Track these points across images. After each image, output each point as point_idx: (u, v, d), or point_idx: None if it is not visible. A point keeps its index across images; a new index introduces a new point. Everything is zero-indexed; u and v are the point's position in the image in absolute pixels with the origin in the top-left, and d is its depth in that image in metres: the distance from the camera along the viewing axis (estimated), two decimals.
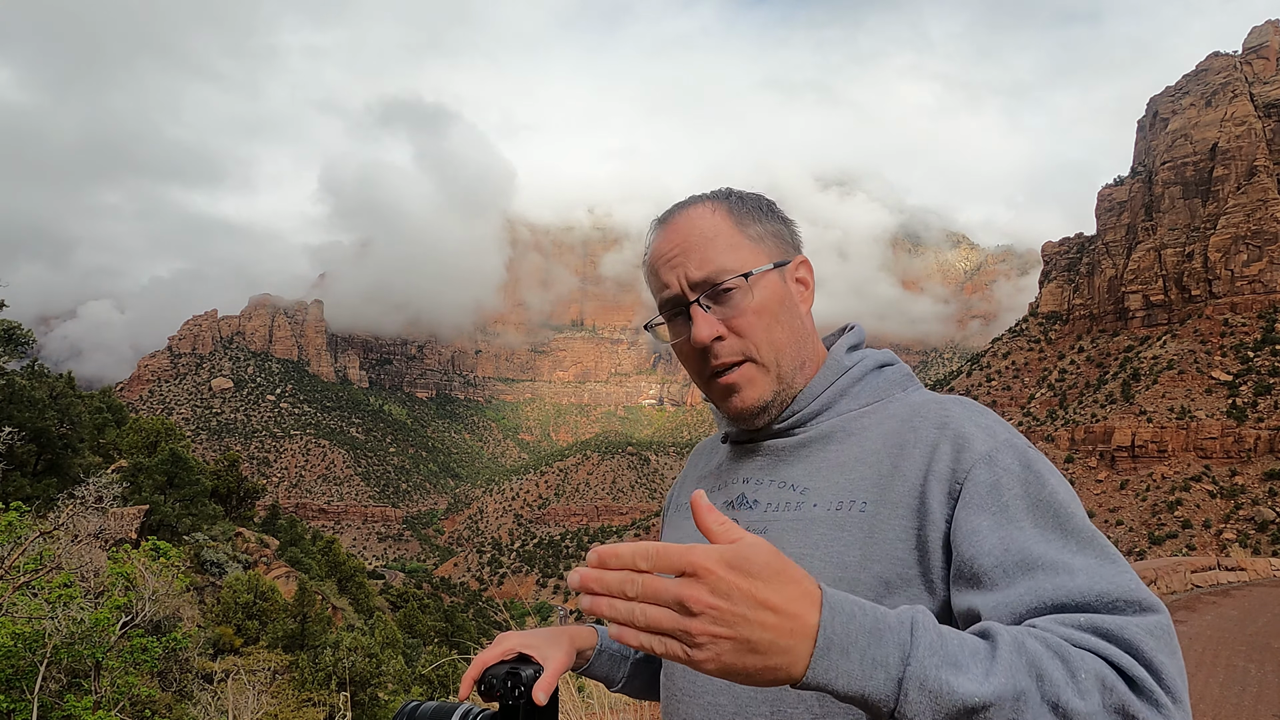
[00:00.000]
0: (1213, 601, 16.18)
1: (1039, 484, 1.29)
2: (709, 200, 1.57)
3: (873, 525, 1.34)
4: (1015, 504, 1.26)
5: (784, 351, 1.51)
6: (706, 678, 1.45)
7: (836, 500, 1.40)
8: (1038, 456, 1.34)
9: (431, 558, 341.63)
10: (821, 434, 1.50)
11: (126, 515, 26.55)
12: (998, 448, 1.33)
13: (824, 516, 1.40)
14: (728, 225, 1.53)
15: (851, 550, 1.34)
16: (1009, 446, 1.34)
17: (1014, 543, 1.22)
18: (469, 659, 7.49)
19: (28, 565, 11.28)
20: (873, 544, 1.33)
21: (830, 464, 1.45)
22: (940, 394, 1.49)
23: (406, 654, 29.32)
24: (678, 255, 1.53)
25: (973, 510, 1.28)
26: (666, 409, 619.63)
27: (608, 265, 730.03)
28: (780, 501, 1.47)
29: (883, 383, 1.54)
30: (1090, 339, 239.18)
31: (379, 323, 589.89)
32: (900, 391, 1.53)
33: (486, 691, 1.37)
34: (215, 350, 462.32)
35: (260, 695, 15.04)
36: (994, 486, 1.29)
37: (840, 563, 1.34)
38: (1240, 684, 9.34)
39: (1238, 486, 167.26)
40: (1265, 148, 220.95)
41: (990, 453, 1.32)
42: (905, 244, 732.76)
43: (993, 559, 1.22)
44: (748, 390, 1.50)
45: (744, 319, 1.48)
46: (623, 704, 6.22)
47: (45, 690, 10.17)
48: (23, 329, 32.03)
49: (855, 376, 1.53)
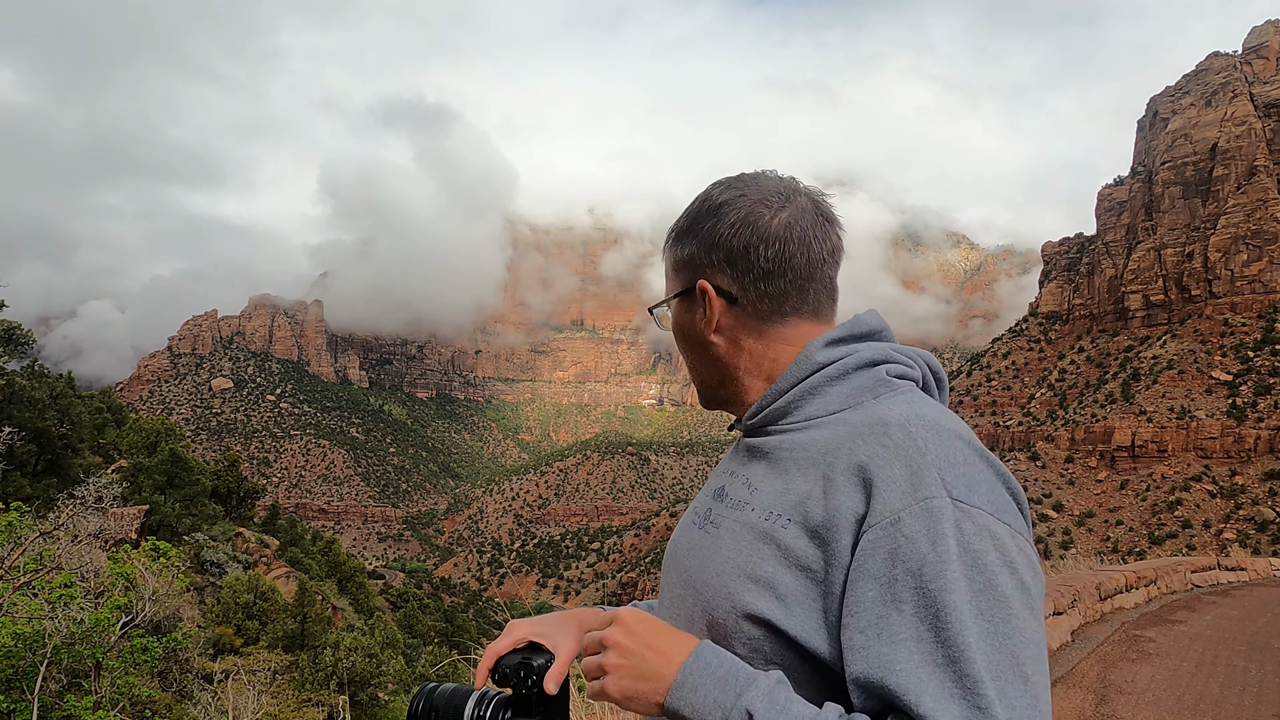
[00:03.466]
0: (1213, 601, 16.18)
1: (935, 568, 1.17)
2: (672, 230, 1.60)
3: (789, 547, 1.32)
4: (902, 583, 1.19)
5: (696, 374, 1.58)
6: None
7: (769, 509, 1.38)
8: (958, 527, 1.20)
9: (431, 558, 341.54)
10: (784, 437, 1.47)
11: (126, 515, 26.55)
12: (911, 508, 1.22)
13: (756, 523, 1.39)
14: (668, 259, 1.60)
15: (766, 565, 1.34)
16: (924, 509, 1.21)
17: (885, 631, 1.18)
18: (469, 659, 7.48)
19: (28, 565, 11.28)
20: (784, 566, 1.32)
21: (778, 469, 1.43)
22: (907, 411, 1.35)
23: (406, 654, 29.31)
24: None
25: (863, 575, 1.23)
26: (666, 409, 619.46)
27: (608, 265, 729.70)
28: (739, 499, 1.47)
29: (858, 387, 1.45)
30: (1090, 339, 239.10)
31: (379, 322, 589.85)
32: (871, 399, 1.43)
33: (500, 681, 1.41)
34: (215, 350, 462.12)
35: (260, 695, 15.03)
36: (889, 557, 1.21)
37: (753, 575, 1.35)
38: (1240, 684, 9.33)
39: (1238, 486, 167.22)
40: (1265, 148, 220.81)
41: (900, 514, 1.22)
42: (906, 244, 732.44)
43: (862, 638, 1.20)
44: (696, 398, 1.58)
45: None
46: None
47: (45, 690, 10.17)
48: (23, 329, 32.05)
49: (830, 375, 1.46)
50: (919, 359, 1.54)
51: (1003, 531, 1.21)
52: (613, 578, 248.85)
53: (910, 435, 1.28)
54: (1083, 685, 9.11)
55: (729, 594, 1.37)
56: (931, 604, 1.15)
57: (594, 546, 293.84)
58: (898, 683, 1.14)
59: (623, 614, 1.34)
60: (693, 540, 1.55)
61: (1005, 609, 1.14)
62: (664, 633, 1.31)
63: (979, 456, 1.29)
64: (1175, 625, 13.07)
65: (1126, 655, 10.70)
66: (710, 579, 1.41)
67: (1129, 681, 9.31)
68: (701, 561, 1.46)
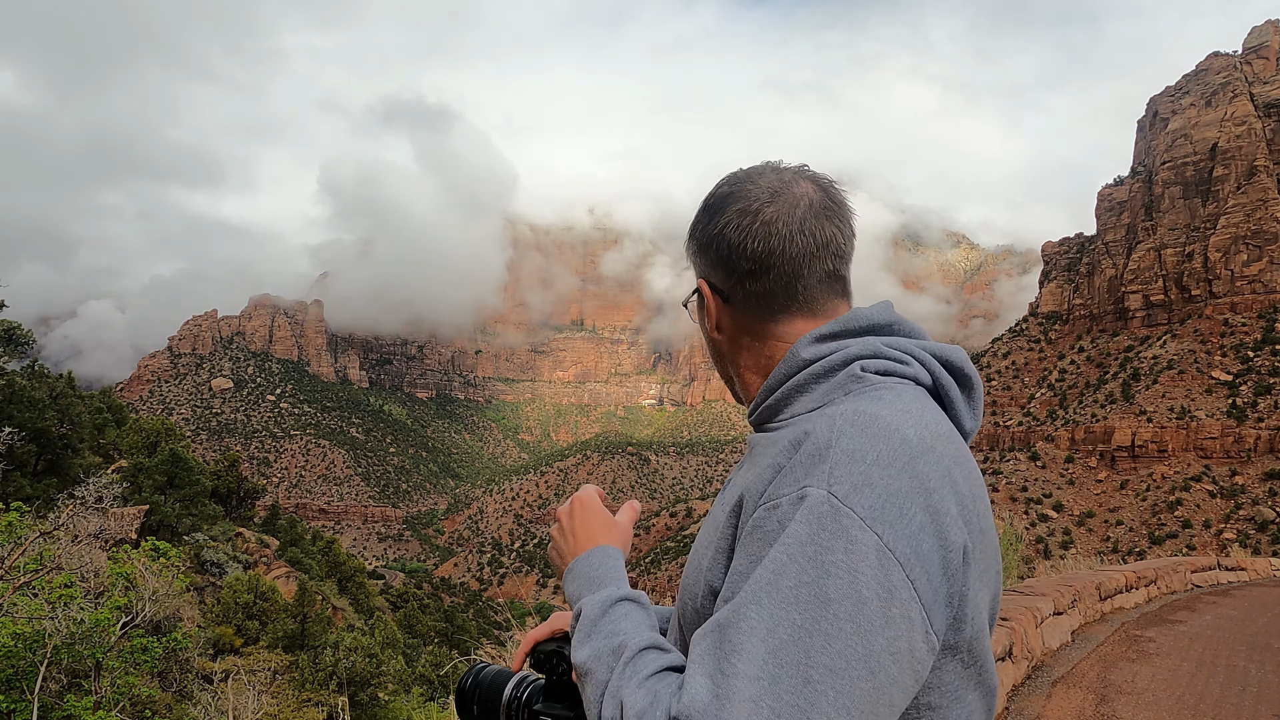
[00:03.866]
0: (1213, 601, 16.17)
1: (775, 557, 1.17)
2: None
3: (720, 536, 1.36)
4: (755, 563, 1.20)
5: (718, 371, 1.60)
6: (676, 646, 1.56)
7: (727, 503, 1.41)
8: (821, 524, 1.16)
9: (431, 558, 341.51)
10: (765, 435, 1.47)
11: (126, 515, 26.54)
12: (790, 496, 1.22)
13: (716, 515, 1.43)
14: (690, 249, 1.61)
15: (707, 554, 1.37)
16: (798, 499, 1.20)
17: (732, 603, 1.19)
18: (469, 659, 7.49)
19: (28, 565, 11.28)
20: (716, 555, 1.35)
21: (747, 466, 1.44)
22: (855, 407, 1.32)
23: (406, 654, 29.32)
24: None
25: (738, 549, 1.26)
26: (666, 409, 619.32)
27: (608, 265, 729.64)
28: (719, 497, 1.51)
29: (833, 387, 1.41)
30: (1090, 339, 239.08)
31: (379, 322, 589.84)
32: (842, 395, 1.39)
33: (535, 666, 1.50)
34: (215, 350, 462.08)
35: (260, 695, 15.02)
36: (761, 536, 1.21)
37: (698, 565, 1.40)
38: (1240, 684, 9.33)
39: (1238, 486, 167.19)
40: (1265, 148, 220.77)
41: (779, 498, 1.23)
42: (906, 244, 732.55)
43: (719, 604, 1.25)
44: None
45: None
46: None
47: (46, 690, 10.16)
48: (23, 329, 32.04)
49: (815, 373, 1.43)
50: (925, 354, 1.47)
51: (867, 541, 1.15)
52: None
53: (835, 429, 1.26)
54: (1083, 685, 9.11)
55: (688, 582, 1.43)
56: (758, 589, 1.15)
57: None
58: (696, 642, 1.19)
59: (577, 495, 1.53)
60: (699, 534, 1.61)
61: (822, 610, 1.11)
62: (593, 523, 1.48)
63: (902, 466, 1.22)
64: (1175, 625, 13.07)
65: (1126, 655, 10.70)
66: (687, 568, 1.47)
67: (1129, 681, 9.31)
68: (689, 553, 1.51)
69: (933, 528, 1.20)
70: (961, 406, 1.47)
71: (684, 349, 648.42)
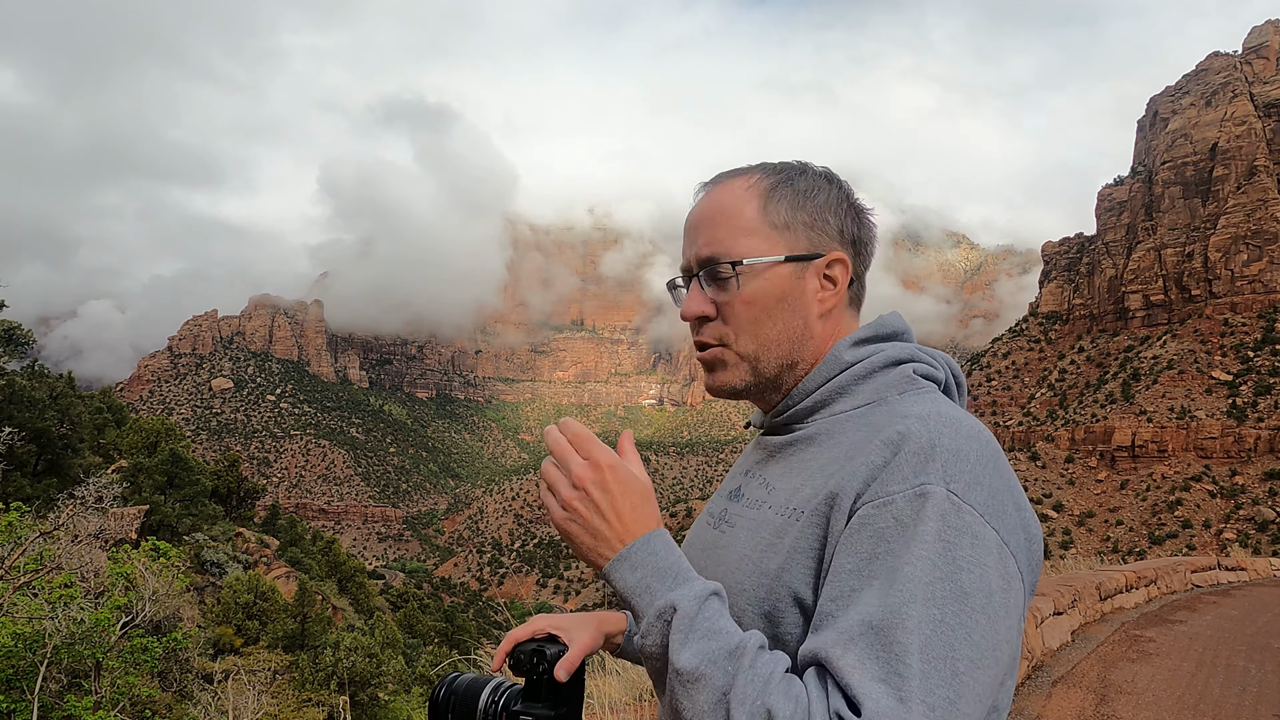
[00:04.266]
0: (1213, 601, 16.17)
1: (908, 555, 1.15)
2: (754, 174, 1.49)
3: (799, 537, 1.31)
4: (880, 563, 1.17)
5: (768, 348, 1.45)
6: None
7: (787, 505, 1.37)
8: (946, 521, 1.17)
9: (431, 558, 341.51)
10: (807, 434, 1.45)
11: (126, 515, 26.56)
12: (907, 492, 1.20)
13: (771, 520, 1.38)
14: (754, 207, 1.45)
15: (775, 558, 1.32)
16: (918, 495, 1.19)
17: (852, 603, 1.16)
18: (470, 659, 7.50)
19: (28, 565, 11.28)
20: (794, 557, 1.30)
21: (798, 466, 1.42)
22: (933, 410, 1.32)
23: (407, 654, 29.34)
24: (695, 228, 1.49)
25: (845, 547, 1.22)
26: (666, 409, 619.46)
27: (608, 265, 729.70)
28: (755, 498, 1.47)
29: (882, 384, 1.43)
30: (1090, 339, 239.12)
31: (379, 322, 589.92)
32: (896, 395, 1.41)
33: (514, 666, 1.44)
34: (215, 350, 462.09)
35: (260, 695, 15.03)
36: (875, 535, 1.19)
37: (763, 570, 1.33)
38: (1240, 684, 9.33)
39: (1238, 486, 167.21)
40: (1265, 148, 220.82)
41: (895, 495, 1.20)
42: (906, 244, 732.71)
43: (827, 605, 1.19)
44: (721, 373, 1.48)
45: (730, 306, 1.44)
46: (622, 704, 6.22)
47: (45, 690, 10.17)
48: (23, 329, 32.03)
49: (857, 374, 1.44)
50: (942, 361, 1.52)
51: (988, 535, 1.18)
52: None
53: (929, 428, 1.27)
54: (1083, 685, 9.11)
55: (744, 588, 1.35)
56: (891, 577, 1.14)
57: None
58: (829, 638, 1.15)
59: (606, 460, 1.28)
60: (705, 540, 1.55)
61: (960, 604, 1.12)
62: (639, 500, 1.28)
63: (994, 465, 1.26)
64: (1175, 625, 13.07)
65: (1126, 655, 10.71)
66: (724, 576, 1.40)
67: (1129, 681, 9.31)
68: (717, 560, 1.46)
69: (1021, 522, 1.24)
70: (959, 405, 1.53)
71: (684, 349, 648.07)
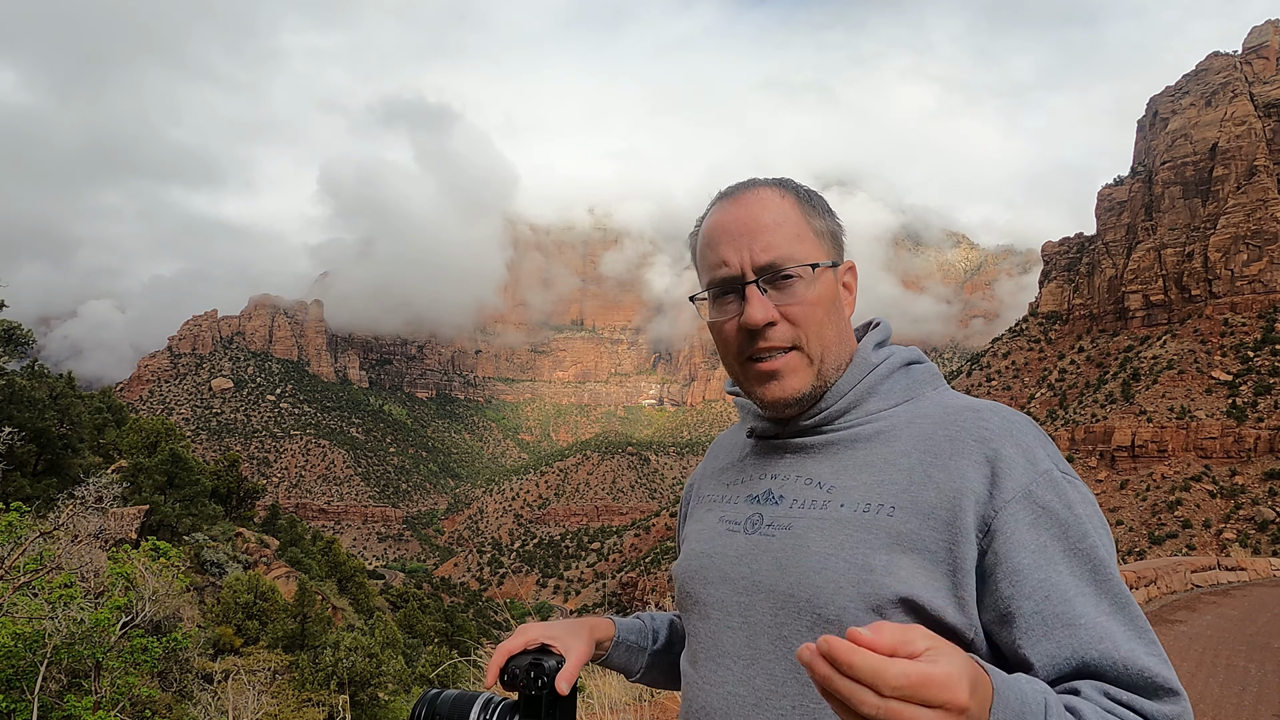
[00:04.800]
0: (1213, 601, 16.17)
1: (1079, 529, 1.30)
2: (776, 186, 1.55)
3: (900, 532, 1.34)
4: (1053, 547, 1.28)
5: (830, 349, 1.51)
6: (729, 667, 1.47)
7: (864, 501, 1.39)
8: (1077, 492, 1.33)
9: (431, 558, 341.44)
10: (850, 432, 1.49)
11: (126, 515, 26.55)
12: (1037, 480, 1.32)
13: (851, 518, 1.39)
14: (796, 214, 1.52)
15: (877, 555, 1.34)
16: (1048, 480, 1.32)
17: (1055, 591, 1.26)
18: (469, 659, 7.48)
19: (28, 565, 11.28)
20: (900, 552, 1.33)
21: (858, 464, 1.44)
22: (974, 399, 1.46)
23: (406, 654, 29.32)
24: (744, 235, 1.48)
25: (1013, 547, 1.29)
26: (666, 409, 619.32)
27: (608, 265, 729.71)
28: (806, 499, 1.46)
29: (911, 381, 1.53)
30: (1090, 339, 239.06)
31: (379, 322, 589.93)
32: (930, 390, 1.52)
33: (509, 682, 1.41)
34: (215, 350, 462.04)
35: (260, 695, 15.03)
36: (1033, 525, 1.29)
37: (865, 565, 1.34)
38: (1240, 684, 9.33)
39: (1238, 486, 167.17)
40: (1265, 148, 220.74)
41: (1030, 487, 1.31)
42: (906, 244, 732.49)
43: (1033, 604, 1.27)
44: (789, 379, 1.48)
45: (801, 308, 1.47)
46: (622, 704, 6.21)
47: (45, 690, 10.17)
48: (23, 329, 32.00)
49: (882, 374, 1.52)
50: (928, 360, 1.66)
51: (1088, 491, 1.35)
52: (613, 578, 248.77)
53: (1004, 418, 1.39)
54: None
55: (842, 585, 1.35)
56: (1087, 560, 1.27)
57: (594, 546, 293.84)
58: (1086, 634, 1.23)
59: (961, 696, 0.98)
60: (739, 548, 1.52)
61: (1109, 546, 1.32)
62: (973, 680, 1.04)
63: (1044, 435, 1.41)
64: (1175, 625, 13.07)
65: None
66: (803, 576, 1.39)
67: None
68: (778, 564, 1.44)
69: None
70: None
71: (684, 349, 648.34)
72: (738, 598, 1.48)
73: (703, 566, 1.58)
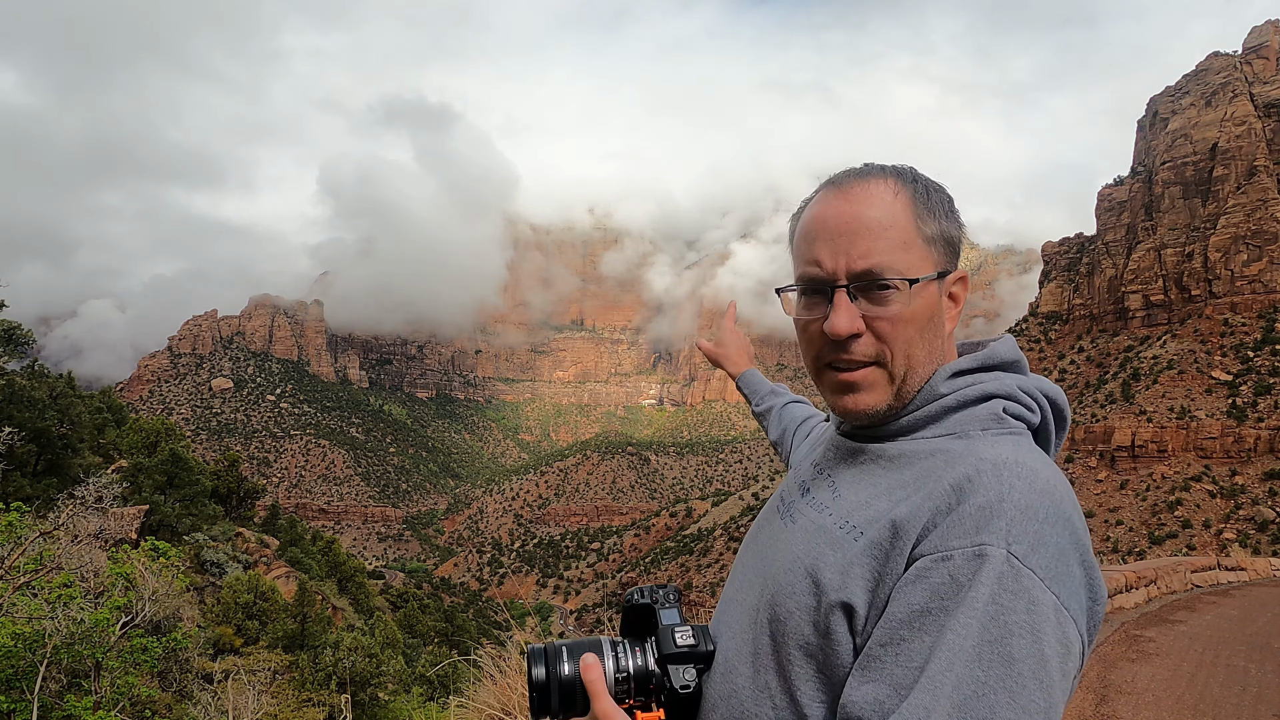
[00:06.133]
0: (1213, 601, 16.16)
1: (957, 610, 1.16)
2: (893, 179, 1.45)
3: (854, 555, 1.32)
4: (929, 618, 1.18)
5: (916, 368, 1.42)
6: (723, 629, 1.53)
7: (846, 518, 1.38)
8: (998, 581, 1.16)
9: (431, 558, 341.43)
10: (885, 451, 1.44)
11: (126, 515, 26.53)
12: (964, 550, 1.20)
13: (829, 529, 1.39)
14: (906, 217, 1.41)
15: (830, 572, 1.33)
16: (976, 554, 1.19)
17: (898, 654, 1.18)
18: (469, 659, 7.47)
19: (28, 565, 11.27)
20: (846, 574, 1.31)
21: (867, 481, 1.42)
22: (1008, 454, 1.31)
23: (406, 654, 29.31)
24: (843, 235, 1.38)
25: (897, 596, 1.23)
26: (666, 409, 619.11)
27: (608, 265, 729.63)
28: (819, 501, 1.47)
29: (969, 417, 1.41)
30: (1090, 339, 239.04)
31: (379, 322, 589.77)
32: (979, 430, 1.39)
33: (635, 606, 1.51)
34: (215, 350, 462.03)
35: (260, 695, 15.02)
36: (929, 588, 1.20)
37: (816, 579, 1.34)
38: (1240, 684, 9.32)
39: (1238, 486, 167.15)
40: (1265, 148, 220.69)
41: (954, 551, 1.21)
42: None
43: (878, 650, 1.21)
44: (865, 394, 1.41)
45: (890, 324, 1.38)
46: None
47: (45, 690, 10.16)
48: (23, 329, 32.00)
49: (946, 406, 1.43)
50: (1043, 399, 1.48)
51: (1047, 601, 1.16)
52: (613, 578, 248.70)
53: (1001, 479, 1.25)
54: (1083, 685, 9.10)
55: (794, 591, 1.36)
56: (939, 636, 1.15)
57: (594, 546, 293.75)
58: (853, 698, 1.19)
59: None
60: (774, 530, 1.55)
61: (1006, 669, 1.12)
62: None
63: (1064, 523, 1.23)
64: (1175, 625, 13.06)
65: (1126, 655, 10.70)
66: (778, 573, 1.41)
67: (1129, 681, 9.30)
68: (775, 552, 1.47)
69: (1086, 582, 1.22)
70: (1054, 448, 1.49)
71: (684, 349, 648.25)
72: (751, 573, 1.52)
73: (750, 535, 1.64)
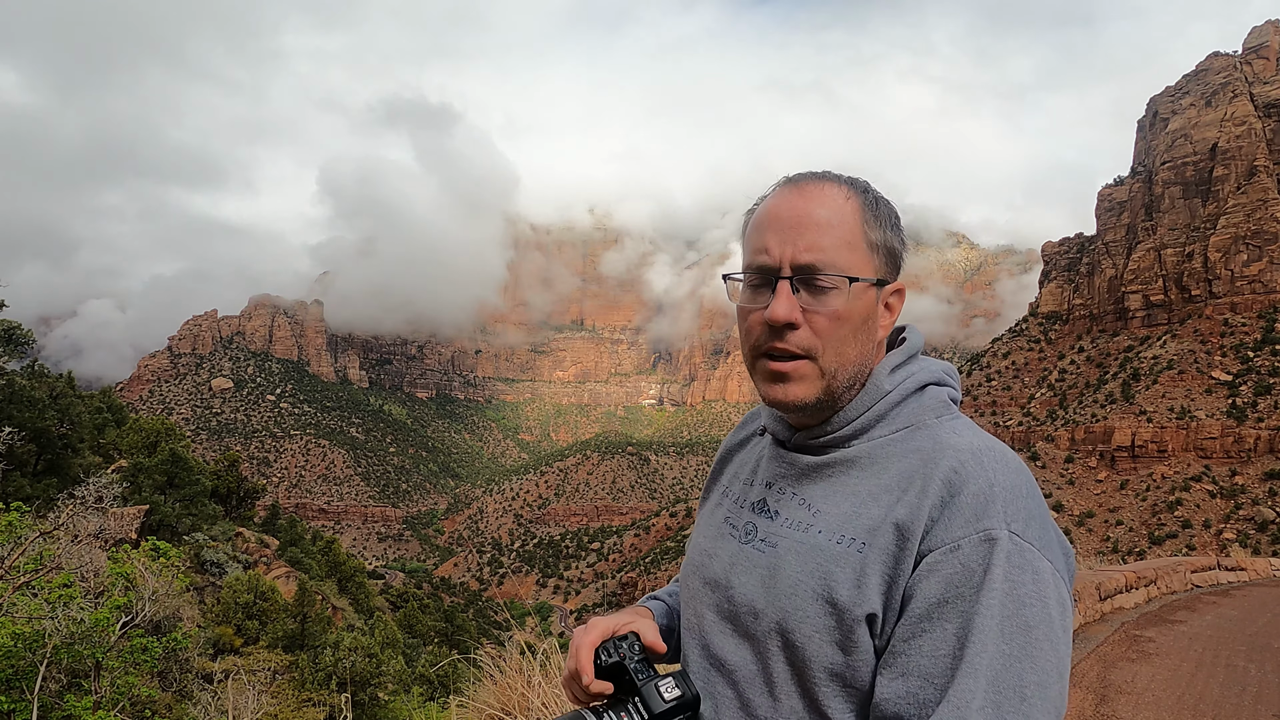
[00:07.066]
0: (1213, 601, 16.17)
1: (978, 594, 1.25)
2: (846, 185, 1.51)
3: (864, 566, 1.34)
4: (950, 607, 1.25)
5: (845, 367, 1.46)
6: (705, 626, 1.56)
7: (840, 532, 1.39)
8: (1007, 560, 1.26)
9: (431, 558, 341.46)
10: (847, 457, 1.47)
11: (126, 515, 26.54)
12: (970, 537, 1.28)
13: (825, 546, 1.40)
14: (854, 220, 1.48)
15: (845, 590, 1.34)
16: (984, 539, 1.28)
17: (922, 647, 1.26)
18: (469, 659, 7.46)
19: (28, 565, 11.28)
20: (861, 586, 1.33)
21: (845, 491, 1.44)
22: (972, 437, 1.41)
23: (406, 654, 29.30)
24: (793, 228, 1.44)
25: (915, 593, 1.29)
26: (666, 409, 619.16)
27: (608, 265, 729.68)
28: (795, 520, 1.47)
29: (918, 407, 1.48)
30: (1090, 339, 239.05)
31: (379, 322, 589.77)
32: (933, 418, 1.47)
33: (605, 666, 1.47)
34: (215, 350, 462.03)
35: (260, 695, 15.02)
36: (945, 580, 1.27)
37: (831, 601, 1.35)
38: (1240, 684, 9.32)
39: (1238, 486, 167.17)
40: (1265, 148, 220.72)
41: (961, 541, 1.28)
42: (906, 243, 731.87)
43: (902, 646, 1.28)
44: (795, 385, 1.44)
45: (827, 320, 1.43)
46: None
47: (45, 690, 10.17)
48: (23, 329, 31.98)
49: (893, 401, 1.48)
50: (953, 378, 1.57)
51: (1045, 568, 1.27)
52: (613, 578, 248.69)
53: (984, 466, 1.33)
54: (1083, 685, 9.10)
55: (807, 616, 1.37)
56: (964, 626, 1.23)
57: (594, 546, 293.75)
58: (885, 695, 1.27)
59: None
60: (731, 553, 1.55)
61: (1025, 637, 1.22)
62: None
63: (1035, 494, 1.34)
64: (1175, 625, 13.06)
65: (1126, 655, 10.70)
66: (778, 599, 1.41)
67: (1129, 681, 9.30)
68: (761, 581, 1.45)
69: (1058, 540, 1.34)
70: None
71: (684, 349, 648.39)
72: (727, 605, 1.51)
73: (697, 563, 1.63)
